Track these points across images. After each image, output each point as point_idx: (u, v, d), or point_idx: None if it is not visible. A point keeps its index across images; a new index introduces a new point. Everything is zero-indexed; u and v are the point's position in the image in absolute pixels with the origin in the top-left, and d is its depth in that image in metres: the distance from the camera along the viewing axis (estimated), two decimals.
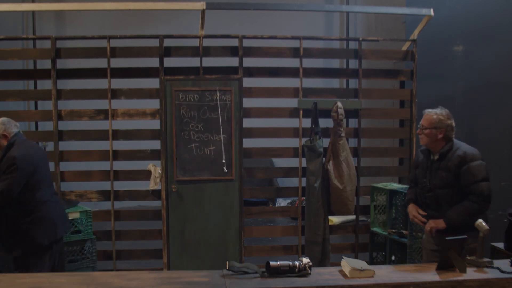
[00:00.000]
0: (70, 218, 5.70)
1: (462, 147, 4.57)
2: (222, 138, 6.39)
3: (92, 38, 6.55)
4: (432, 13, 6.43)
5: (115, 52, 6.43)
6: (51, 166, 5.71)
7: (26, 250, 4.81)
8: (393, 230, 6.23)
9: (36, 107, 9.72)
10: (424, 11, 6.49)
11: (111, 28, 8.72)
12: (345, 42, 10.15)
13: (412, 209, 4.82)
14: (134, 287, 3.49)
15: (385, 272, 3.77)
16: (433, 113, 4.66)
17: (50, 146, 6.96)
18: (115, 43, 6.46)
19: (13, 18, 10.06)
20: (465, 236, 3.84)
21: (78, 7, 6.87)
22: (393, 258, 6.30)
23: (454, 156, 4.52)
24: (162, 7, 6.60)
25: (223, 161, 6.40)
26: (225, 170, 6.39)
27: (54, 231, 4.96)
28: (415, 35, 6.71)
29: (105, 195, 6.51)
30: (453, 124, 4.64)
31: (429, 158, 4.74)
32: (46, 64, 6.68)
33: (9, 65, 6.82)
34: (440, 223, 4.52)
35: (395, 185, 6.52)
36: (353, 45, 8.89)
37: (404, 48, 6.84)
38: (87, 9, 7.13)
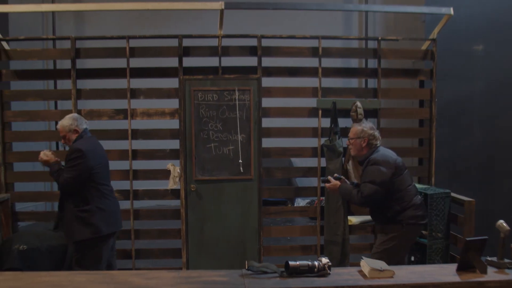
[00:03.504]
0: None
1: (377, 153, 5.18)
2: (240, 137, 6.39)
3: (111, 38, 6.59)
4: (452, 12, 6.39)
5: (134, 52, 6.46)
6: None
7: (86, 237, 5.03)
8: None
9: (56, 107, 9.78)
10: (443, 10, 6.44)
11: (130, 28, 8.76)
12: (364, 41, 10.13)
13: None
14: (153, 286, 3.50)
15: (404, 273, 3.76)
16: (357, 125, 5.33)
17: None
18: (134, 43, 6.49)
19: (33, 18, 10.12)
20: (486, 237, 3.82)
21: (97, 7, 6.86)
22: (412, 258, 6.26)
23: (366, 161, 5.18)
24: (180, 7, 6.60)
25: (240, 161, 6.41)
26: (240, 170, 6.41)
27: (111, 223, 5.20)
28: (434, 34, 6.67)
29: (124, 194, 6.54)
30: (375, 134, 5.25)
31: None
32: (65, 64, 6.72)
33: (30, 65, 6.88)
34: (336, 188, 5.35)
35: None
36: (372, 44, 8.86)
37: (424, 47, 6.80)
38: (106, 9, 7.13)
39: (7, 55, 6.49)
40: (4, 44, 6.48)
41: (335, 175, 5.46)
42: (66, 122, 5.18)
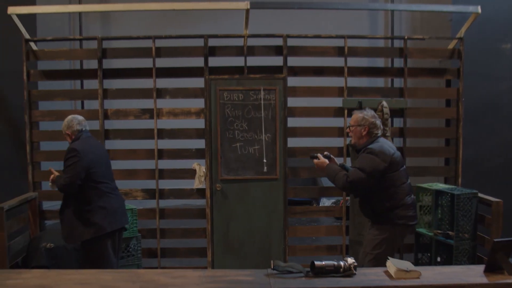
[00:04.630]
0: None
1: (376, 144, 4.91)
2: (266, 137, 6.39)
3: (138, 38, 6.63)
4: (479, 10, 6.33)
5: (160, 52, 6.50)
6: None
7: (90, 236, 5.01)
8: (439, 231, 6.14)
9: (82, 107, 9.86)
10: (471, 8, 6.38)
11: (156, 28, 8.80)
12: (390, 40, 10.06)
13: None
14: (179, 285, 3.51)
15: (431, 274, 3.72)
16: (359, 113, 5.06)
17: None
18: (160, 43, 6.53)
19: (60, 19, 10.21)
20: None
21: (123, 8, 6.92)
22: (438, 259, 6.21)
23: (363, 149, 4.96)
24: (206, 7, 6.63)
25: (265, 160, 6.41)
26: (265, 169, 6.41)
27: (115, 220, 5.16)
28: (461, 33, 6.60)
29: (150, 194, 6.58)
30: (377, 122, 5.00)
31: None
32: (92, 64, 6.78)
33: (57, 66, 6.95)
34: (323, 166, 5.07)
35: (441, 185, 6.42)
36: (398, 43, 8.80)
37: (451, 46, 6.74)
38: (133, 9, 7.19)
39: (35, 55, 6.57)
40: (32, 44, 6.57)
41: (325, 153, 5.23)
42: (63, 124, 5.27)
